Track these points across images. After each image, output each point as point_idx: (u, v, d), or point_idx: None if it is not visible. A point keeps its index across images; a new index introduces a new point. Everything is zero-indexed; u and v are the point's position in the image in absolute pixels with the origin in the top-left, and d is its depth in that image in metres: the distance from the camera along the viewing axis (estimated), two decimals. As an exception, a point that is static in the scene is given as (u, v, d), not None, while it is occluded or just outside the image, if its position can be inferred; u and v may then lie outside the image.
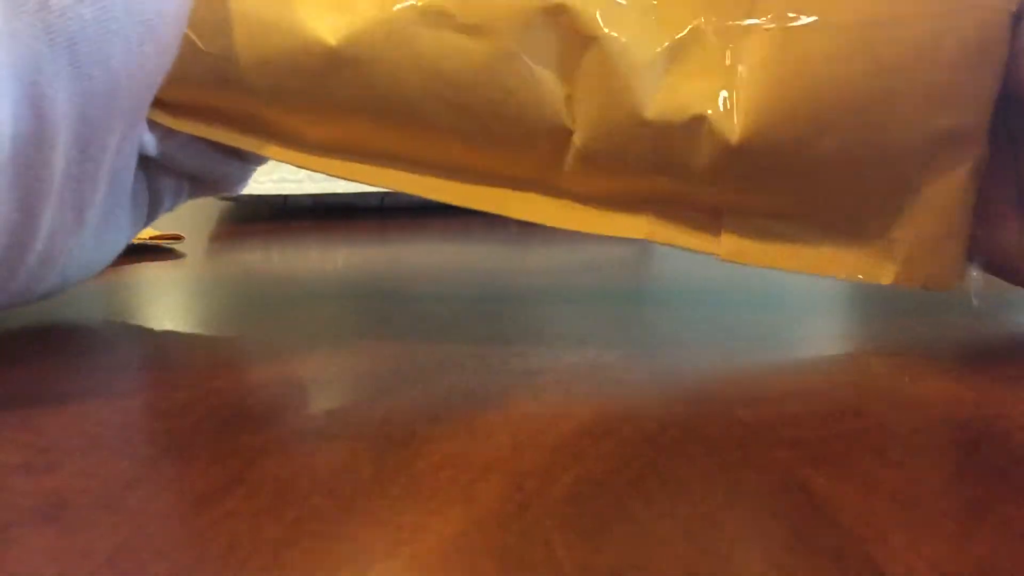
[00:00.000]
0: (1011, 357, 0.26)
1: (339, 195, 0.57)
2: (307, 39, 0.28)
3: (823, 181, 0.28)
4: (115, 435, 0.19)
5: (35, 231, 0.24)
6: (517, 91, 0.28)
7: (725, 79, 0.27)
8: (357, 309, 0.34)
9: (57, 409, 0.21)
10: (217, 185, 0.33)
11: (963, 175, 0.28)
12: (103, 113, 0.24)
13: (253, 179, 0.35)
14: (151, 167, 0.30)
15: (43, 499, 0.16)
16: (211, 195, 0.35)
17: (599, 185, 0.29)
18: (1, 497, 0.16)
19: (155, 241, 0.47)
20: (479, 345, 0.27)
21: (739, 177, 0.28)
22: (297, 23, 0.28)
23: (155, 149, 0.29)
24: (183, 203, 0.33)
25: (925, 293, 0.34)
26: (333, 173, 0.30)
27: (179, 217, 0.52)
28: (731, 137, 0.27)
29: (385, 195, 0.58)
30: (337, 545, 0.14)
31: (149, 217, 0.32)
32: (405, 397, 0.22)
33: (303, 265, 0.44)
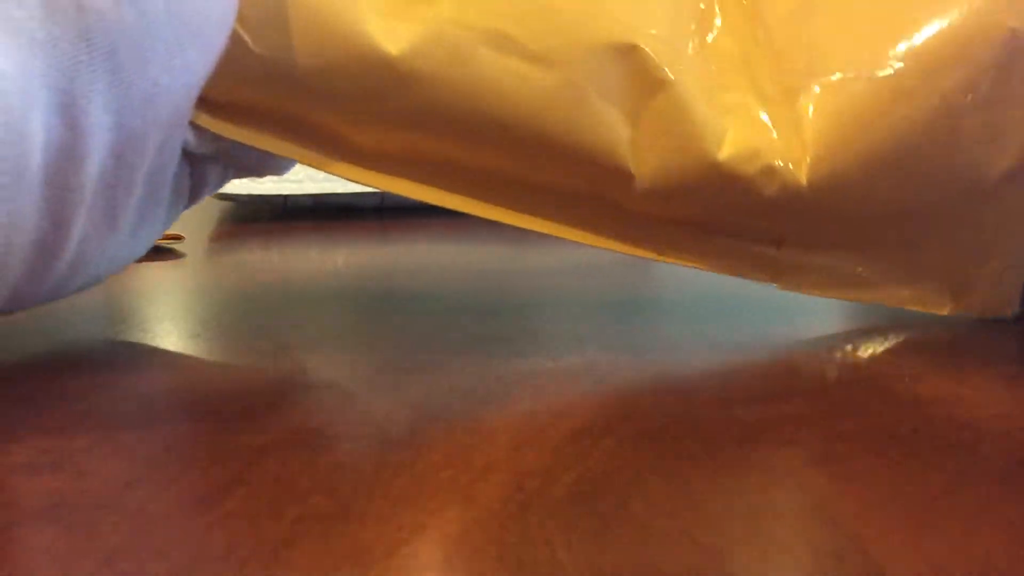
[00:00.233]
0: (1011, 357, 0.26)
1: (339, 195, 0.57)
2: (367, 45, 0.27)
3: (883, 219, 0.29)
4: (115, 435, 0.19)
5: (65, 240, 0.23)
6: (580, 127, 0.27)
7: (789, 132, 0.28)
8: (357, 309, 0.34)
9: (58, 409, 0.21)
10: (264, 169, 0.32)
11: (1018, 209, 0.28)
12: (141, 121, 0.23)
13: (253, 179, 0.35)
14: (195, 158, 0.30)
15: (44, 499, 0.16)
16: (256, 176, 0.34)
17: (660, 213, 0.29)
18: (2, 497, 0.16)
19: (155, 241, 0.47)
20: (479, 345, 0.27)
21: (802, 218, 0.29)
22: (357, 27, 0.27)
23: (201, 147, 0.28)
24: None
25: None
26: (381, 187, 0.29)
27: (179, 217, 0.52)
28: (799, 185, 0.28)
29: (385, 195, 0.58)
30: (337, 545, 0.14)
31: (191, 202, 0.31)
32: (405, 397, 0.22)
33: (303, 265, 0.43)
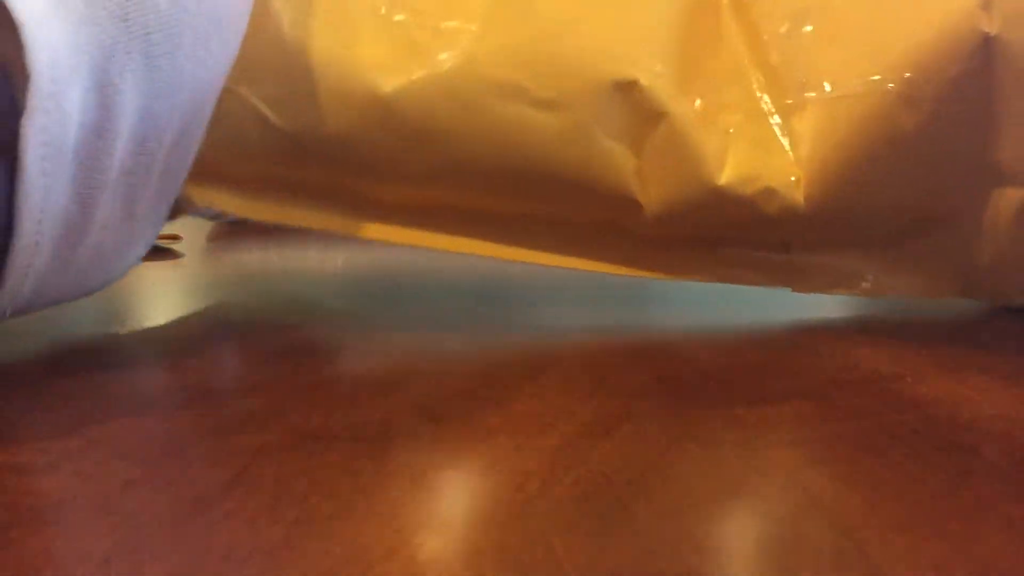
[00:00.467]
0: (1011, 357, 0.26)
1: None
2: (384, 107, 0.28)
3: (885, 218, 0.30)
4: (114, 436, 0.19)
5: (89, 224, 0.24)
6: (589, 164, 0.29)
7: (785, 151, 0.29)
8: (356, 310, 0.34)
9: (57, 409, 0.21)
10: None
11: (1011, 212, 0.29)
12: (165, 107, 0.24)
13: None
14: None
15: (42, 500, 0.16)
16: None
17: (668, 233, 0.30)
18: (1, 497, 0.16)
19: (154, 241, 0.47)
20: (479, 345, 0.27)
21: (806, 228, 0.30)
22: (373, 90, 0.28)
23: None
24: None
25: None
26: (406, 242, 0.30)
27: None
28: (797, 204, 0.29)
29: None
30: (337, 545, 0.14)
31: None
32: (405, 397, 0.22)
33: (302, 265, 0.43)
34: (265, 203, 0.30)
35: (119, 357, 0.26)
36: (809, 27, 0.29)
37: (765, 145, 0.29)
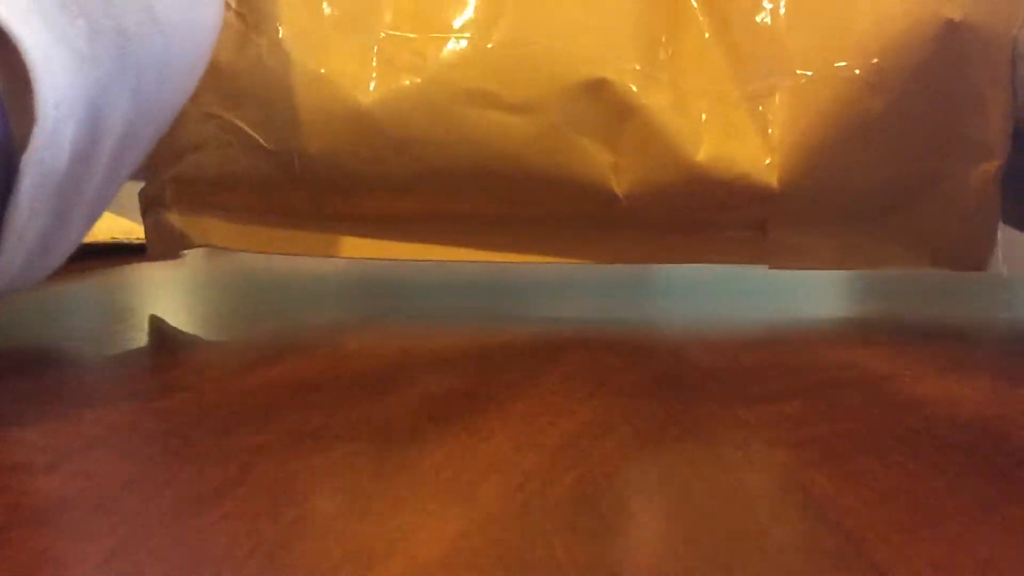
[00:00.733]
0: (1011, 357, 0.26)
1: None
2: (363, 118, 0.29)
3: (858, 195, 0.31)
4: (114, 435, 0.19)
5: (66, 235, 0.24)
6: (565, 162, 0.30)
7: (758, 139, 0.30)
8: (357, 309, 0.34)
9: (57, 409, 0.21)
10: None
11: (987, 177, 0.30)
12: (144, 131, 0.25)
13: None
14: None
15: (42, 499, 0.16)
16: None
17: (647, 221, 0.31)
18: (1, 497, 0.16)
19: None
20: (479, 345, 0.27)
21: (781, 208, 0.30)
22: (351, 104, 0.29)
23: None
24: None
25: (925, 293, 0.33)
26: (395, 256, 0.32)
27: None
28: (771, 187, 0.29)
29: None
30: (337, 545, 0.14)
31: None
32: (405, 397, 0.22)
33: (302, 265, 0.43)
34: (255, 232, 0.31)
35: (119, 357, 0.26)
36: (776, 14, 0.30)
37: (738, 130, 0.30)
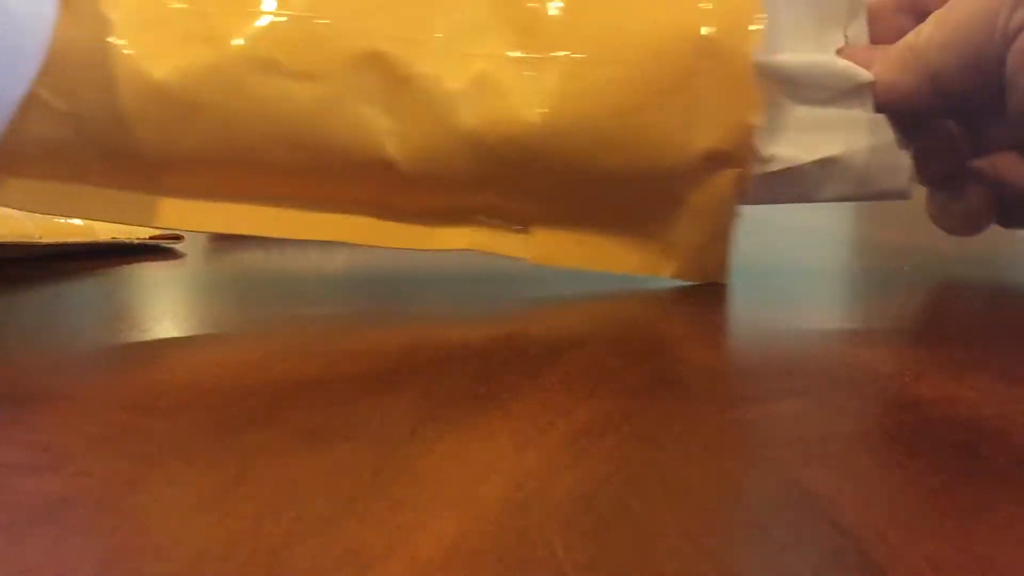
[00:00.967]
0: (1011, 357, 0.26)
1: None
2: (151, 83, 0.31)
3: (612, 190, 0.34)
4: (115, 435, 0.19)
5: None
6: (343, 128, 0.32)
7: (525, 101, 0.32)
8: (357, 309, 0.34)
9: (57, 409, 0.21)
10: None
11: (725, 188, 0.33)
12: None
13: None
14: None
15: (43, 499, 0.16)
16: None
17: (424, 206, 0.34)
18: (1, 497, 0.16)
19: (155, 241, 0.47)
20: (480, 344, 0.27)
21: (541, 185, 0.33)
22: (140, 69, 0.31)
23: None
24: None
25: (922, 292, 0.33)
26: (187, 227, 0.34)
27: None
28: (532, 142, 0.32)
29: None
30: (337, 545, 0.14)
31: None
32: (405, 397, 0.22)
33: (303, 265, 0.43)
34: (46, 189, 0.32)
35: (119, 356, 0.26)
36: (556, 7, 0.33)
37: (509, 95, 0.32)
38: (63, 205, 0.33)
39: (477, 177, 0.33)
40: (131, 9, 0.32)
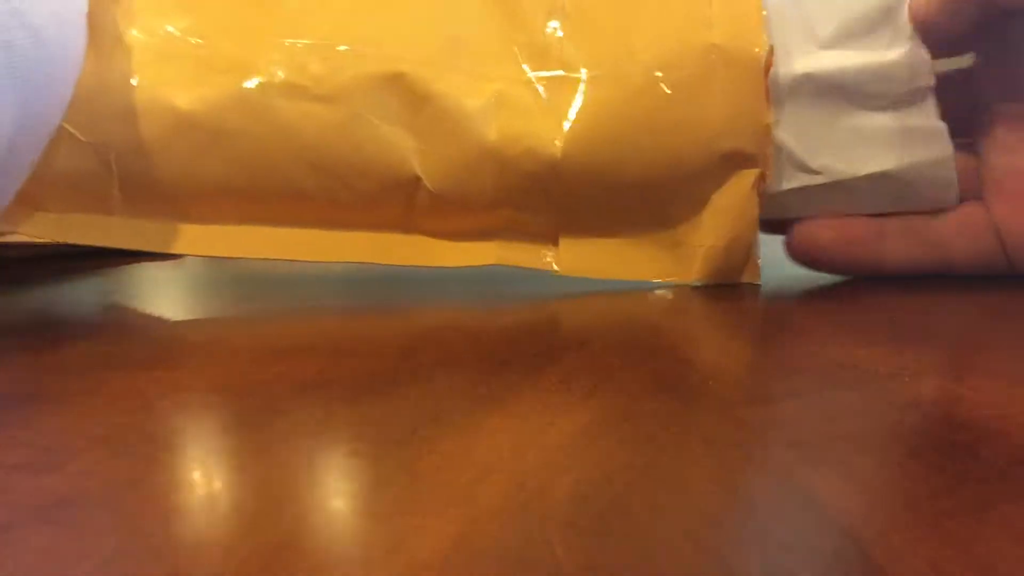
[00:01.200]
0: (1011, 357, 0.26)
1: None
2: (178, 113, 0.31)
3: (636, 199, 0.34)
4: (115, 435, 0.19)
5: None
6: (368, 147, 0.33)
7: (546, 118, 0.33)
8: (357, 309, 0.34)
9: (57, 409, 0.21)
10: None
11: (746, 188, 0.34)
12: (25, 148, 0.26)
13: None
14: None
15: (43, 499, 0.16)
16: None
17: (450, 223, 0.34)
18: (1, 497, 0.16)
19: None
20: (480, 344, 0.27)
21: (566, 197, 0.34)
22: (158, 98, 0.31)
23: None
24: None
25: (921, 291, 0.33)
26: (211, 253, 0.34)
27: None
28: (555, 155, 0.33)
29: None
30: (337, 545, 0.14)
31: None
32: (405, 397, 0.22)
33: (303, 265, 0.43)
34: (66, 220, 0.33)
35: (119, 356, 0.26)
36: (566, 23, 0.34)
37: (529, 112, 0.33)
38: (87, 234, 0.33)
39: (501, 191, 0.33)
40: (152, 45, 0.32)
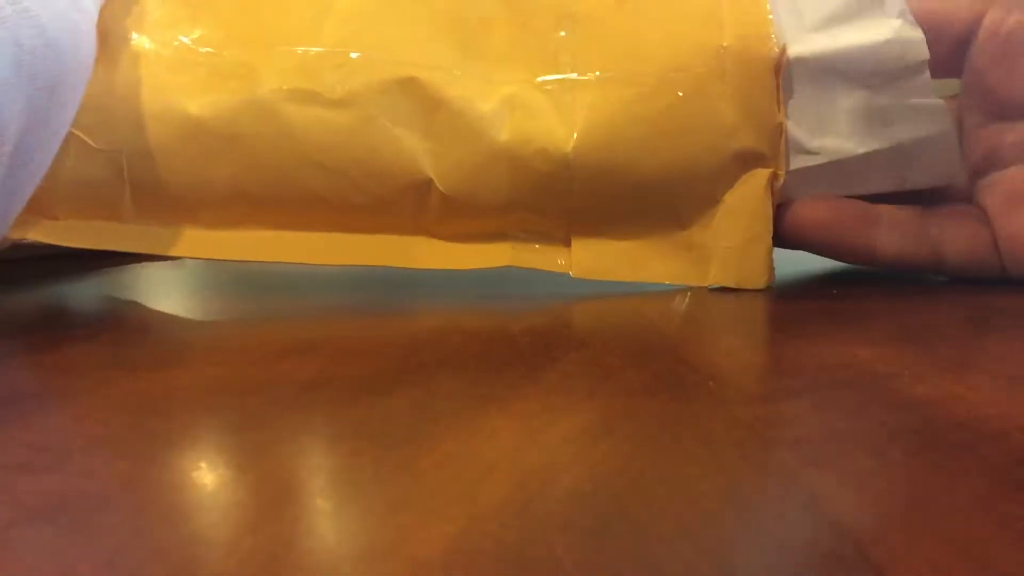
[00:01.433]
0: (1011, 357, 0.26)
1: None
2: (180, 118, 0.32)
3: (648, 200, 0.34)
4: (115, 435, 0.19)
5: None
6: (380, 149, 0.33)
7: (558, 119, 0.33)
8: (357, 309, 0.34)
9: (57, 409, 0.21)
10: None
11: (759, 190, 0.34)
12: (36, 147, 0.26)
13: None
14: None
15: (43, 499, 0.16)
16: None
17: (463, 226, 0.34)
18: (1, 497, 0.16)
19: None
20: (480, 344, 0.27)
21: (579, 198, 0.34)
22: (169, 104, 0.32)
23: None
24: None
25: (921, 291, 0.34)
26: (222, 256, 0.34)
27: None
28: (567, 155, 0.33)
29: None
30: (338, 545, 0.14)
31: None
32: (405, 397, 0.22)
33: (304, 266, 0.43)
34: (79, 226, 0.33)
35: (119, 356, 0.26)
36: (576, 29, 0.34)
37: (541, 113, 0.33)
38: (97, 239, 0.33)
39: (514, 193, 0.33)
40: (164, 55, 0.32)
